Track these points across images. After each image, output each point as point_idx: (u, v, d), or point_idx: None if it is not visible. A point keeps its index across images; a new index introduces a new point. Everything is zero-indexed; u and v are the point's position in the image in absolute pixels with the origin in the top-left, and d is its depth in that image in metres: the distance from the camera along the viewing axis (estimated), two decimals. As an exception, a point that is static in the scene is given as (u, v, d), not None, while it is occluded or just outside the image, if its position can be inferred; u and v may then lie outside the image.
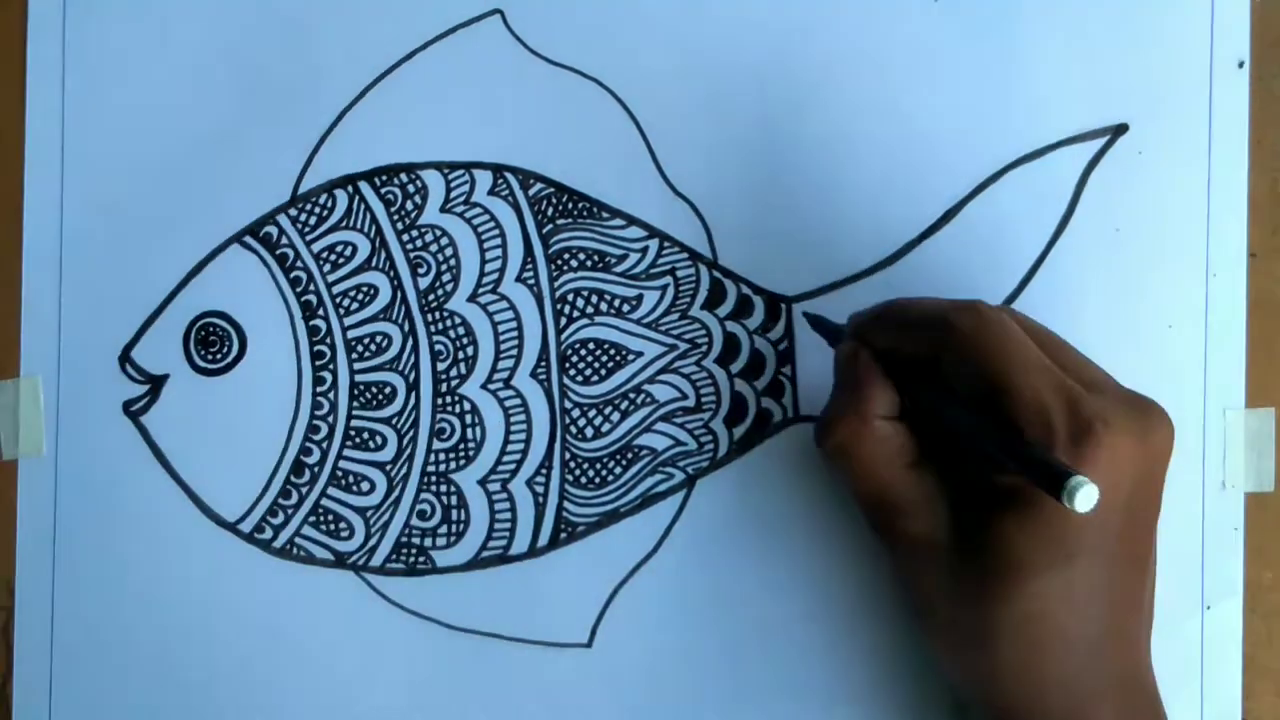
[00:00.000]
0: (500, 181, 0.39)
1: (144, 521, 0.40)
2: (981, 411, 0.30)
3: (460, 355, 0.39)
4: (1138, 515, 0.30)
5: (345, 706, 0.39)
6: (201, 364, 0.40)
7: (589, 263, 0.39)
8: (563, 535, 0.39)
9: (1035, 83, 0.38)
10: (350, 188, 0.40)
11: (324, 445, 0.39)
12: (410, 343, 0.39)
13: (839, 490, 0.38)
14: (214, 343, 0.40)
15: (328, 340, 0.40)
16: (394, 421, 0.39)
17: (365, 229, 0.40)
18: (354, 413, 0.39)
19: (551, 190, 0.39)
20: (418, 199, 0.39)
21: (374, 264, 0.40)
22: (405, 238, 0.39)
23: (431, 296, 0.39)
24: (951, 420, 0.31)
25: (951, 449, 0.32)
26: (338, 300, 0.40)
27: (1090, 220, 0.38)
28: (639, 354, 0.39)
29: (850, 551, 0.38)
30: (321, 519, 0.40)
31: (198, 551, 0.40)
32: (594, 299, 0.39)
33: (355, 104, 0.40)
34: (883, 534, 0.33)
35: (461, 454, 0.39)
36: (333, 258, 0.40)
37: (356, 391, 0.39)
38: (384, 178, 0.40)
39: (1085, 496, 0.26)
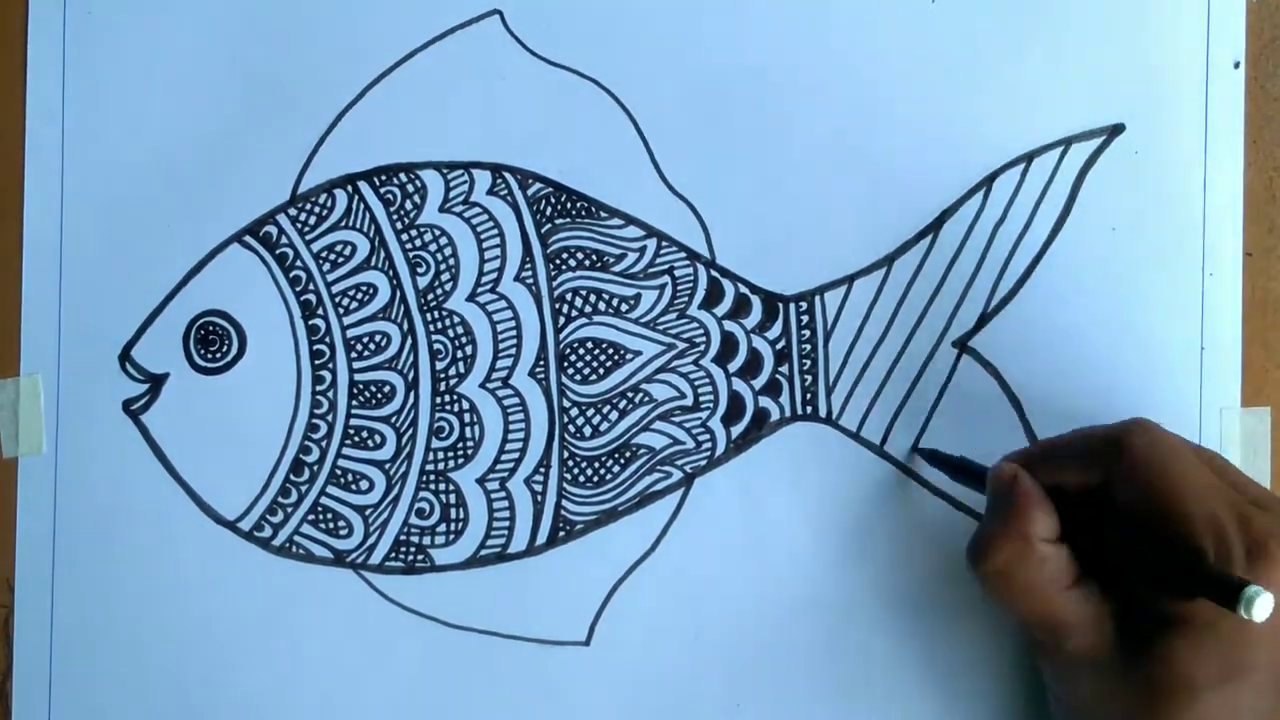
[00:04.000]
0: (499, 181, 0.39)
1: (144, 520, 0.40)
2: (1150, 533, 0.30)
3: (459, 354, 0.39)
4: None
5: (344, 704, 0.39)
6: (201, 363, 0.40)
7: (587, 262, 0.39)
8: (561, 534, 0.39)
9: (1032, 83, 0.38)
10: (350, 187, 0.40)
11: (323, 444, 0.40)
12: (409, 342, 0.39)
13: (836, 490, 0.38)
14: (214, 342, 0.40)
15: (327, 339, 0.40)
16: (393, 420, 0.39)
17: (364, 228, 0.40)
18: (353, 411, 0.40)
19: (550, 190, 0.39)
20: (417, 199, 0.40)
21: (373, 263, 0.40)
22: (404, 237, 0.40)
23: (430, 296, 0.39)
24: (1121, 544, 0.31)
25: (1114, 568, 0.32)
26: (337, 299, 0.40)
27: (1087, 220, 0.38)
28: (637, 353, 0.39)
29: (846, 549, 0.38)
30: (320, 517, 0.40)
31: (197, 550, 0.40)
32: (592, 298, 0.39)
33: (355, 104, 0.40)
34: (1043, 651, 0.33)
35: (460, 453, 0.39)
36: (332, 257, 0.40)
37: (355, 390, 0.40)
38: (383, 177, 0.40)
39: (1262, 606, 0.27)
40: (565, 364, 0.39)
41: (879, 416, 0.38)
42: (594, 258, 0.39)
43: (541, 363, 0.39)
